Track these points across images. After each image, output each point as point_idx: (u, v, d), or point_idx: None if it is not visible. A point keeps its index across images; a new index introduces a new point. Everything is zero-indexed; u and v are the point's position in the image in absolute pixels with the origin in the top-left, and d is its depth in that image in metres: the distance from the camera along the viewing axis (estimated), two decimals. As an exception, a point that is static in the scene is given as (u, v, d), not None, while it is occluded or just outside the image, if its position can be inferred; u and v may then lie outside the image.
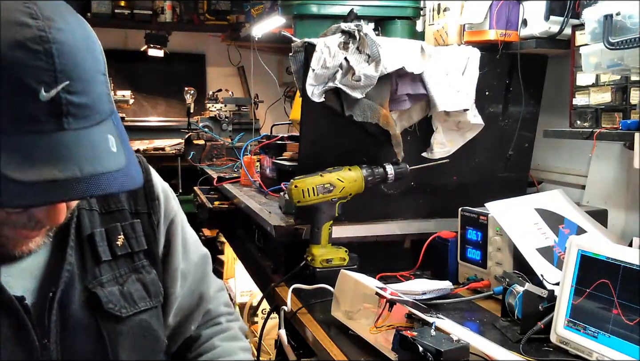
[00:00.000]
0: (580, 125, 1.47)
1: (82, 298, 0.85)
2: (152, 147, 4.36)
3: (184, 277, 1.05)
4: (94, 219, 0.91)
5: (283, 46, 3.45)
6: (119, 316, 0.89)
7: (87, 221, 0.90)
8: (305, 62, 1.52)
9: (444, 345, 0.94)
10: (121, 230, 0.94)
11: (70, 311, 0.84)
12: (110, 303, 0.88)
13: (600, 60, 1.32)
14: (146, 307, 0.93)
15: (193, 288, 1.08)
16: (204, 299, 1.11)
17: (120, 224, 0.94)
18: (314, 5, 2.05)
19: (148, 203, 0.99)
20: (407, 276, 1.63)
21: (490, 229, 1.47)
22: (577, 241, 1.17)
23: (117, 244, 0.92)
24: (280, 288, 1.53)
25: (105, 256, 0.90)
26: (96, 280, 0.88)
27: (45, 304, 0.82)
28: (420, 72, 1.56)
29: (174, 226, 1.04)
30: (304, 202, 1.50)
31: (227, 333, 1.12)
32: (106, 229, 0.92)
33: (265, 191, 2.16)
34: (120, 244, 0.93)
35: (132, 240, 0.95)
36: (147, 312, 0.94)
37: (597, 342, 1.07)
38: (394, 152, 1.58)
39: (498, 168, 1.80)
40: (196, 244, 1.11)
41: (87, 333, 0.85)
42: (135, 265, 0.95)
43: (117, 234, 0.93)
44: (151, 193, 1.00)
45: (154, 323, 0.95)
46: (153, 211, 0.99)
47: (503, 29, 1.65)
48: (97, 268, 0.89)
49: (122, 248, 0.93)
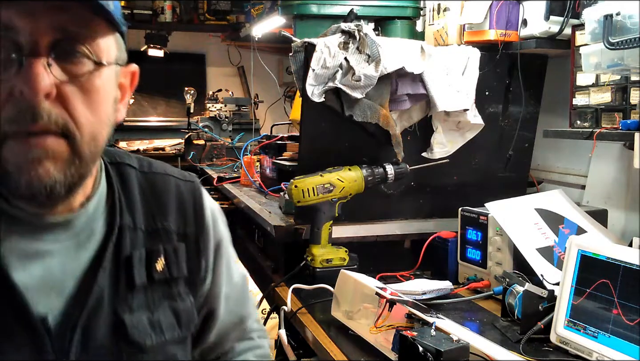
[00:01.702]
0: (580, 125, 1.47)
1: (108, 323, 0.81)
2: (152, 147, 4.36)
3: (227, 299, 1.02)
4: (137, 239, 0.86)
5: (283, 46, 3.46)
6: (143, 345, 0.84)
7: (127, 241, 0.84)
8: (305, 62, 1.52)
9: (444, 345, 0.94)
10: (163, 253, 0.88)
11: (94, 335, 0.79)
12: (136, 330, 0.83)
13: (600, 60, 1.32)
14: (173, 338, 0.87)
15: (234, 308, 1.04)
16: (243, 318, 1.07)
17: (163, 247, 0.88)
18: (314, 5, 2.05)
19: (197, 225, 0.93)
20: (407, 276, 1.63)
21: (490, 229, 1.47)
22: (577, 241, 1.17)
23: (156, 267, 0.86)
24: (280, 288, 1.53)
25: (140, 280, 0.84)
26: (126, 305, 0.83)
27: (68, 325, 0.77)
28: (420, 72, 1.56)
29: (221, 250, 0.99)
30: (304, 202, 1.50)
31: (260, 351, 1.08)
32: (147, 250, 0.86)
33: (265, 191, 2.17)
34: (160, 268, 0.87)
35: (173, 266, 0.89)
36: (174, 343, 0.88)
37: (597, 342, 1.08)
38: (394, 152, 1.58)
39: (498, 168, 1.80)
40: (237, 266, 1.07)
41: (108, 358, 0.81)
42: (171, 292, 0.89)
43: (158, 257, 0.87)
44: (200, 215, 0.94)
45: (179, 354, 0.89)
46: (201, 234, 0.94)
47: (503, 29, 1.65)
48: (129, 292, 0.83)
49: (160, 272, 0.87)
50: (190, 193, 0.95)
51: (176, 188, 0.93)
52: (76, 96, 0.72)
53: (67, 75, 0.71)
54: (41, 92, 0.68)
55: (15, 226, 0.75)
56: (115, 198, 0.85)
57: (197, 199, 0.95)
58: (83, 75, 0.72)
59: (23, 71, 0.68)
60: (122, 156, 0.91)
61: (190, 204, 0.93)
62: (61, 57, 0.70)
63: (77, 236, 0.80)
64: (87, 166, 0.75)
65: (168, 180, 0.93)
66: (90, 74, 0.73)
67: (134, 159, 0.92)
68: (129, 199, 0.87)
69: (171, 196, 0.92)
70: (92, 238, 0.82)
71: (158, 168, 0.94)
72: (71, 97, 0.72)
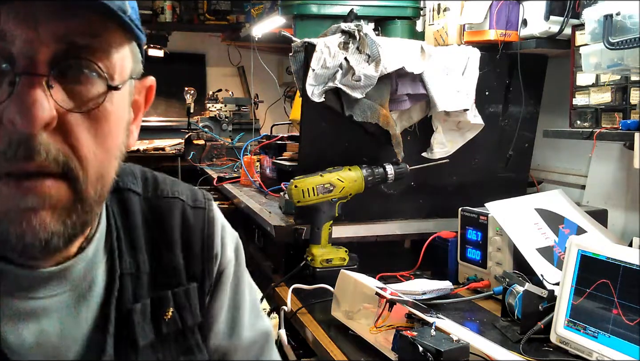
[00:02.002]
0: (580, 125, 1.47)
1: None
2: (152, 147, 4.35)
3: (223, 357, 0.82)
4: (140, 287, 0.71)
5: (283, 46, 3.45)
6: None
7: (129, 291, 0.70)
8: (305, 62, 1.52)
9: (444, 345, 0.94)
10: (172, 300, 0.73)
11: None
12: None
13: (600, 60, 1.32)
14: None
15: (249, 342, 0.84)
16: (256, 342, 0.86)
17: (171, 292, 0.73)
18: (314, 5, 2.05)
19: (204, 262, 0.78)
20: (407, 276, 1.63)
21: (490, 229, 1.47)
22: (577, 241, 1.17)
23: (164, 319, 0.72)
24: (280, 288, 1.53)
25: (143, 339, 0.69)
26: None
27: None
28: (420, 72, 1.56)
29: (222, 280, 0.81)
30: (304, 202, 1.50)
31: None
32: (153, 299, 0.72)
33: (265, 191, 2.17)
34: (169, 317, 0.72)
35: (186, 312, 0.74)
36: None
37: (597, 342, 1.07)
38: (394, 152, 1.58)
39: (498, 168, 1.80)
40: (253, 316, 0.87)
41: None
42: (187, 345, 0.74)
43: (167, 305, 0.72)
44: (209, 249, 0.79)
45: None
46: (208, 273, 0.79)
47: (503, 29, 1.65)
48: (134, 353, 0.69)
49: (170, 323, 0.72)
50: (200, 222, 0.80)
51: (182, 216, 0.78)
52: (82, 126, 0.57)
53: (73, 100, 0.56)
54: (39, 122, 0.53)
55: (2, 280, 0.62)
56: (114, 237, 0.71)
57: (207, 230, 0.80)
58: (92, 100, 0.57)
59: (16, 94, 0.53)
60: (125, 179, 0.76)
61: (199, 236, 0.79)
62: (65, 76, 0.56)
63: (76, 287, 0.67)
64: (91, 211, 0.61)
65: (175, 206, 0.78)
66: (99, 96, 0.58)
67: (138, 180, 0.78)
68: (132, 237, 0.73)
69: (177, 226, 0.77)
70: (93, 288, 0.68)
71: (165, 191, 0.79)
72: (75, 128, 0.57)
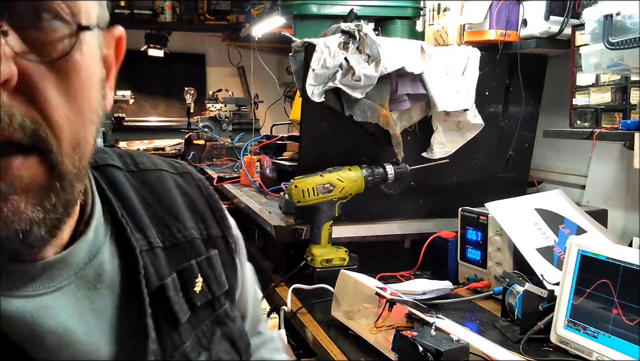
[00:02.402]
0: (580, 125, 1.47)
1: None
2: (152, 147, 4.35)
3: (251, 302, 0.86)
4: (159, 262, 0.64)
5: (283, 46, 3.45)
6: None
7: (150, 267, 0.63)
8: (305, 62, 1.52)
9: (444, 345, 0.94)
10: (198, 271, 0.67)
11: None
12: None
13: (600, 60, 1.32)
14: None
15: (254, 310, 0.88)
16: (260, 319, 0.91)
17: (195, 262, 0.68)
18: (314, 5, 2.05)
19: (219, 223, 0.74)
20: (407, 276, 1.63)
21: (490, 229, 1.47)
22: (577, 241, 1.17)
23: (194, 291, 0.66)
24: (280, 288, 1.53)
25: (183, 314, 0.63)
26: (178, 351, 0.62)
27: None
28: (420, 72, 1.56)
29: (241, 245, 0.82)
30: (304, 202, 1.50)
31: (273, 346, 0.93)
32: (178, 272, 0.65)
33: (265, 191, 2.16)
34: (199, 290, 0.66)
35: (212, 281, 0.69)
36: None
37: (597, 342, 1.07)
38: (394, 152, 1.58)
39: (498, 168, 1.80)
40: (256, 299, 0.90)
41: None
42: (218, 315, 0.69)
43: (195, 277, 0.67)
44: (218, 209, 0.75)
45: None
46: (228, 233, 0.75)
47: (503, 29, 1.65)
48: (175, 332, 0.62)
49: (201, 295, 0.67)
50: (195, 187, 0.76)
51: (176, 184, 0.74)
52: (49, 83, 0.47)
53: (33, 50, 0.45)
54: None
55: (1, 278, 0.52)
56: (119, 215, 0.64)
57: (206, 192, 0.77)
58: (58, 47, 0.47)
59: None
60: (102, 156, 0.69)
61: (202, 200, 0.75)
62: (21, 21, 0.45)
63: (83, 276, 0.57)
64: (72, 188, 0.51)
65: (162, 176, 0.73)
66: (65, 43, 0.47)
67: (115, 156, 0.71)
68: (131, 212, 0.66)
69: (176, 196, 0.72)
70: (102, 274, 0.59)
71: (145, 163, 0.73)
72: (42, 85, 0.46)
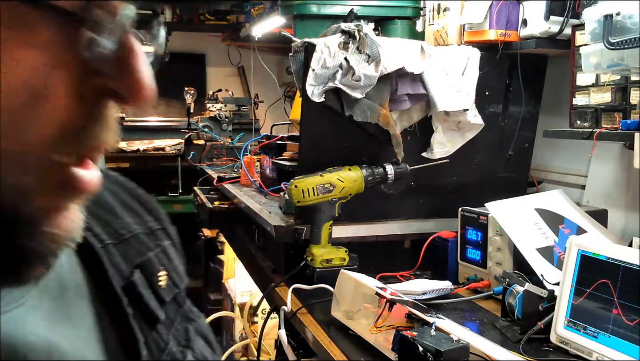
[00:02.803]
0: (580, 125, 1.47)
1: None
2: (152, 147, 4.35)
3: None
4: (116, 259, 0.56)
5: (283, 46, 3.45)
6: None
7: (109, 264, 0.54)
8: (305, 62, 1.52)
9: (444, 345, 0.94)
10: (158, 263, 0.60)
11: None
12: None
13: (600, 60, 1.32)
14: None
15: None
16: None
17: (153, 254, 0.60)
18: (314, 5, 2.06)
19: (153, 215, 0.64)
20: (407, 276, 1.63)
21: (490, 229, 1.47)
22: (577, 241, 1.17)
23: (160, 286, 0.58)
24: (280, 288, 1.53)
25: (160, 312, 0.57)
26: (165, 353, 0.56)
27: None
28: (420, 72, 1.56)
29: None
30: (304, 202, 1.50)
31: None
32: (140, 267, 0.57)
33: (265, 191, 2.16)
34: (165, 284, 0.59)
35: (174, 274, 0.62)
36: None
37: (597, 342, 1.07)
38: (394, 152, 1.58)
39: (498, 168, 1.80)
40: None
41: None
42: (184, 311, 0.63)
43: (157, 271, 0.59)
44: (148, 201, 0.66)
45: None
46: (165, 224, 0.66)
47: (503, 29, 1.65)
48: (156, 333, 0.56)
49: (167, 289, 0.59)
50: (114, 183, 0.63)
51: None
52: None
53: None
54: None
55: None
56: None
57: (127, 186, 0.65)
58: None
59: None
60: None
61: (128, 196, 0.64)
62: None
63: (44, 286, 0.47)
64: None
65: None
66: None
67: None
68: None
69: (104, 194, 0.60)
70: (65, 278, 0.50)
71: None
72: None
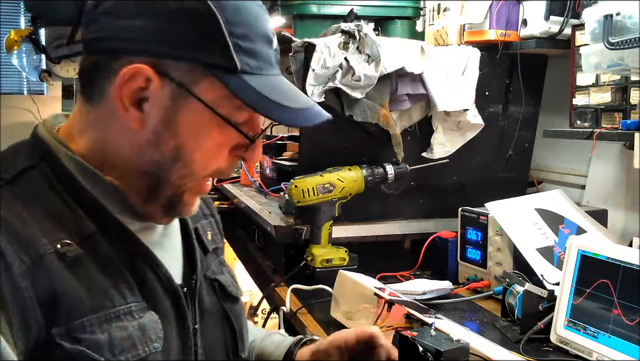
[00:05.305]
0: (580, 125, 1.47)
1: (206, 286, 0.87)
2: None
3: None
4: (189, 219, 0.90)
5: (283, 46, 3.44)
6: (236, 297, 0.92)
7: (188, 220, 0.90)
8: (305, 62, 1.52)
9: (444, 345, 0.94)
10: (208, 226, 0.96)
11: (204, 298, 0.86)
12: (231, 286, 0.91)
13: (600, 60, 1.32)
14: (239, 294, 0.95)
15: None
16: None
17: (206, 222, 0.96)
18: (314, 5, 2.05)
19: (210, 207, 1.01)
20: (407, 276, 1.63)
21: (490, 229, 1.47)
22: (577, 241, 1.17)
23: (207, 238, 0.93)
24: (280, 288, 1.53)
25: (210, 245, 0.92)
26: (210, 270, 0.90)
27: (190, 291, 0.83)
28: (420, 72, 1.56)
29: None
30: (304, 202, 1.50)
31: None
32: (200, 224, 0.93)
33: (265, 191, 2.16)
34: (210, 238, 0.94)
35: (215, 236, 0.97)
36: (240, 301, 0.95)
37: (597, 342, 1.07)
38: (394, 152, 1.58)
39: (498, 168, 1.80)
40: None
41: (217, 318, 0.88)
42: (220, 260, 0.95)
43: (206, 229, 0.94)
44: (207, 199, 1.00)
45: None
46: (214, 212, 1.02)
47: (503, 29, 1.65)
48: (205, 258, 0.90)
49: (211, 242, 0.94)
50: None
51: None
52: None
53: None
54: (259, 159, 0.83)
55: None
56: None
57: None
58: None
59: None
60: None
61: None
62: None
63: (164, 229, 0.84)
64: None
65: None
66: None
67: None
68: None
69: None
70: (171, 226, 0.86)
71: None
72: None
